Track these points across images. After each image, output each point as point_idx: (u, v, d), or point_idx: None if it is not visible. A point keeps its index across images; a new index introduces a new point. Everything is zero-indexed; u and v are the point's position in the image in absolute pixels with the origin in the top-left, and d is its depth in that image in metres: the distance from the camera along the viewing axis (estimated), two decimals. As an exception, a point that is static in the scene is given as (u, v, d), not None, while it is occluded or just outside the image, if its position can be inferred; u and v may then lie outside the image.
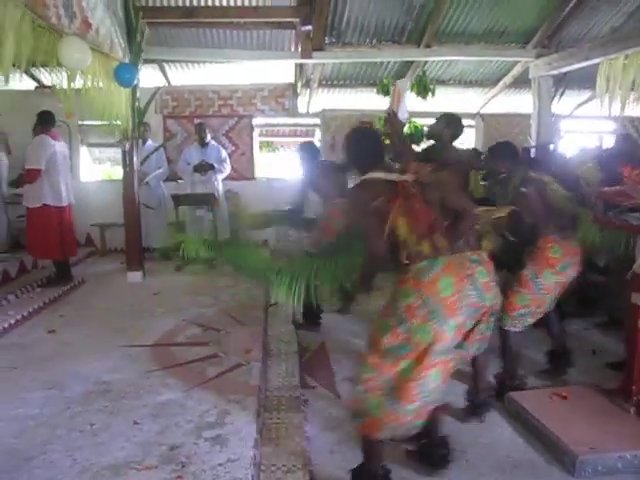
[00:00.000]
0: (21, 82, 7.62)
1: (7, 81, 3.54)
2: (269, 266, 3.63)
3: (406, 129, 7.62)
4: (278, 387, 3.57)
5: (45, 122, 5.73)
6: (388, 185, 2.48)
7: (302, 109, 8.96)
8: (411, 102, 6.87)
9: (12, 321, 4.65)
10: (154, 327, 4.54)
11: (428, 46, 7.40)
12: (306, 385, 3.82)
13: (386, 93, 7.76)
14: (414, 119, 7.82)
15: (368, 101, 8.74)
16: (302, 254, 4.29)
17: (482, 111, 9.43)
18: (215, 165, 7.41)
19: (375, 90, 8.14)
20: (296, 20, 6.94)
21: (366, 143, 2.71)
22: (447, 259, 2.40)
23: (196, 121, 8.16)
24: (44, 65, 4.40)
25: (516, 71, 8.33)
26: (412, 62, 8.02)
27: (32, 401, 3.20)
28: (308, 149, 5.09)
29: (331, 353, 4.44)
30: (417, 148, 5.66)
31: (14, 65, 3.62)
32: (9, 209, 7.06)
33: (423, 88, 7.83)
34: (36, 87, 8.07)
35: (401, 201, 2.44)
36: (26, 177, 5.70)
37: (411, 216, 2.43)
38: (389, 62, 8.13)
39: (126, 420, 2.94)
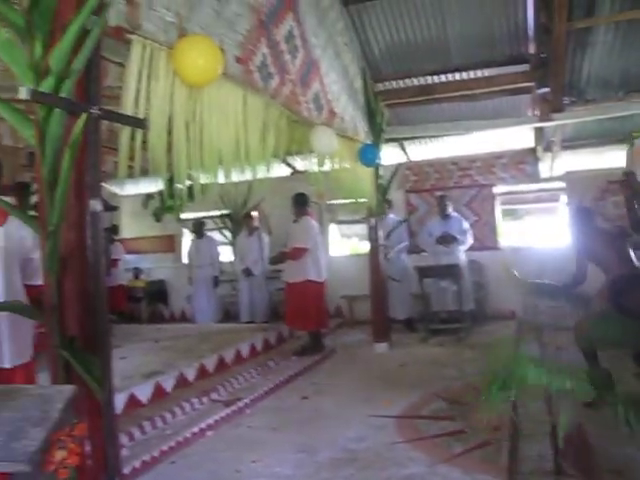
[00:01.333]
0: (279, 169, 8.66)
1: (268, 169, 4.02)
2: None
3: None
4: (531, 471, 3.28)
5: (306, 204, 6.38)
6: None
7: (544, 173, 8.54)
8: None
9: (271, 385, 5.10)
10: (399, 398, 4.56)
11: (688, 90, 6.58)
12: (563, 472, 3.43)
13: (638, 148, 7.03)
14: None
15: (615, 159, 7.98)
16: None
17: None
18: (457, 237, 7.40)
19: (624, 146, 7.43)
20: (531, 84, 6.76)
21: None
22: None
23: (437, 194, 8.29)
24: (298, 153, 4.96)
25: None
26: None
27: (287, 462, 3.41)
28: (583, 213, 4.56)
29: (592, 438, 3.96)
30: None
31: (274, 155, 4.13)
32: (269, 283, 7.89)
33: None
34: (291, 173, 9.08)
35: None
36: (293, 254, 6.31)
37: None
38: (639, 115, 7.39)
39: (371, 491, 2.96)
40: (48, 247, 2.01)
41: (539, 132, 7.86)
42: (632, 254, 4.05)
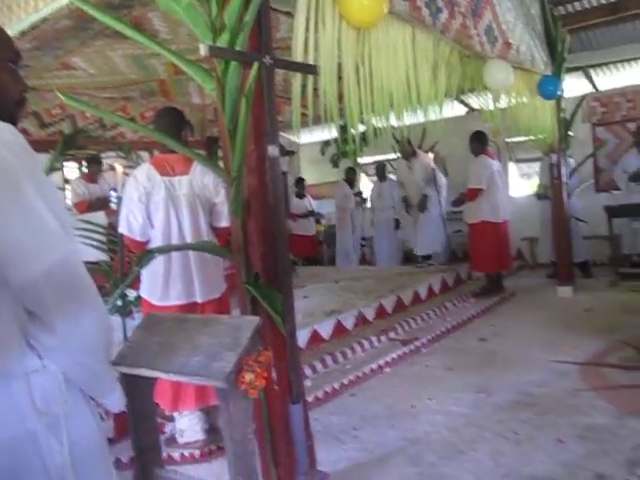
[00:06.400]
0: (452, 109, 8.36)
1: (441, 109, 3.93)
2: None
3: None
4: None
5: (484, 142, 6.17)
6: None
7: None
8: None
9: (449, 326, 5.13)
10: (584, 345, 4.32)
11: None
12: None
13: None
14: None
15: None
16: None
17: None
18: None
19: None
20: None
21: None
22: None
23: (632, 125, 7.45)
24: (472, 90, 4.74)
25: None
26: None
27: (463, 401, 3.45)
28: None
29: None
30: None
31: (446, 94, 4.01)
32: (448, 225, 7.78)
33: None
34: (467, 112, 8.73)
35: None
36: (468, 195, 6.24)
37: None
38: None
39: (550, 436, 2.89)
40: (232, 192, 2.19)
41: None
42: None
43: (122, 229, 3.00)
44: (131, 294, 3.51)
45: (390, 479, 2.61)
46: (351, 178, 8.98)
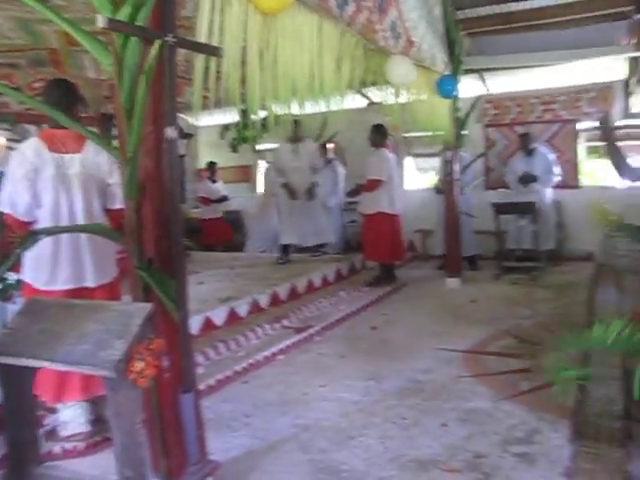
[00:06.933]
0: (354, 101, 8.50)
1: (343, 101, 3.98)
2: None
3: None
4: (597, 414, 3.23)
5: (384, 135, 6.32)
6: None
7: (636, 108, 7.92)
8: None
9: (342, 315, 5.24)
10: (469, 333, 4.57)
11: None
12: (634, 417, 3.37)
13: None
14: None
15: None
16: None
17: None
18: (538, 177, 7.18)
19: None
20: (628, 9, 6.20)
21: None
22: None
23: (519, 132, 7.92)
24: (374, 84, 4.84)
25: None
26: None
27: (355, 388, 3.54)
28: None
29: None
30: None
31: (349, 86, 4.06)
32: (344, 215, 7.92)
33: None
34: (367, 104, 8.90)
35: None
36: (367, 186, 6.35)
37: None
38: None
39: (435, 420, 3.03)
40: (127, 173, 2.10)
41: (634, 63, 7.26)
42: None
43: (4, 207, 2.80)
44: (11, 277, 3.28)
45: (281, 466, 2.63)
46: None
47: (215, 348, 4.10)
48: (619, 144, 3.71)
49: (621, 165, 3.65)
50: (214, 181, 9.17)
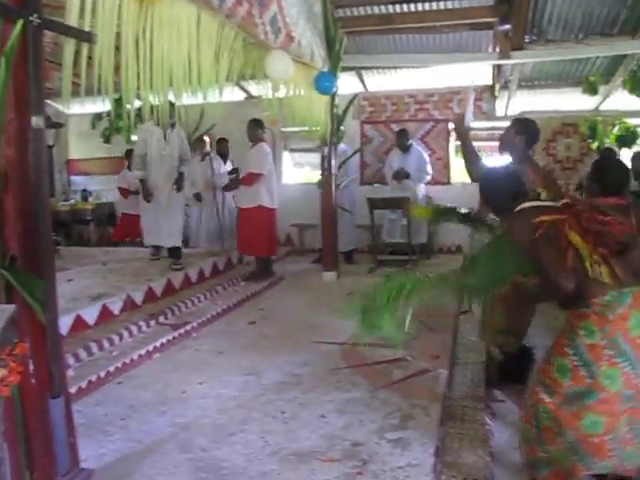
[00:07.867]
0: (232, 93, 8.41)
1: (221, 93, 3.92)
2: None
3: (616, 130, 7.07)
4: (463, 397, 3.47)
5: (261, 129, 6.29)
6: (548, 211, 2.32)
7: (500, 112, 8.59)
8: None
9: (219, 310, 5.17)
10: (345, 326, 4.66)
11: (645, 36, 6.64)
12: (494, 398, 3.65)
13: (593, 92, 7.19)
14: (628, 119, 7.12)
15: (572, 102, 8.10)
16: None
17: None
18: (411, 174, 7.52)
19: (581, 89, 7.55)
20: (494, 20, 6.69)
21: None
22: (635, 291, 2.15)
23: (396, 128, 8.27)
24: (252, 77, 4.82)
25: None
26: (625, 56, 7.24)
27: (234, 384, 3.51)
28: None
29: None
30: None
31: (227, 79, 4.00)
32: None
33: (638, 84, 7.06)
34: (245, 98, 8.85)
35: (572, 221, 2.22)
36: (246, 180, 6.30)
37: (592, 235, 2.18)
38: (597, 58, 7.43)
39: (313, 412, 3.08)
40: (-15, 164, 1.93)
41: (498, 70, 7.85)
42: None
43: None
44: None
45: (160, 468, 2.55)
46: (223, 153, 7.94)
47: (87, 348, 3.87)
48: (474, 145, 3.96)
49: (472, 165, 3.88)
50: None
